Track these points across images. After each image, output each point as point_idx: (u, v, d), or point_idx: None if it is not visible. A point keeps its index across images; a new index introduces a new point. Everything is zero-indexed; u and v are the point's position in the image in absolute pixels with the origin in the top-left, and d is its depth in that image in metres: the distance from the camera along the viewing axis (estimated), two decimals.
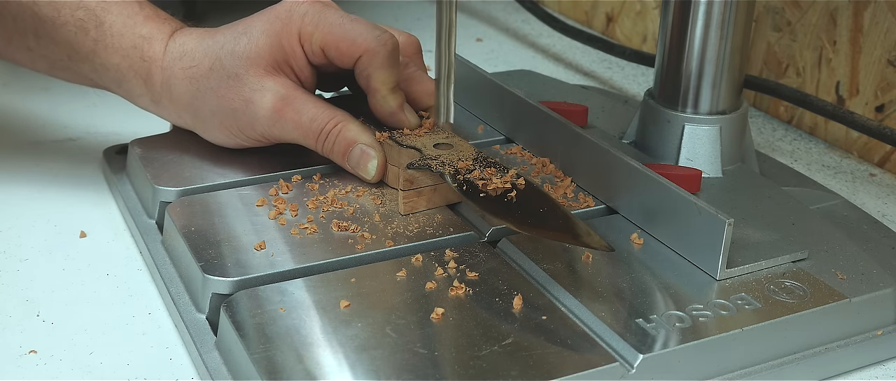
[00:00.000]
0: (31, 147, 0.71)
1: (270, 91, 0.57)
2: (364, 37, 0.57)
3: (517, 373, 0.42)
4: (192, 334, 0.48)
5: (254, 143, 0.60)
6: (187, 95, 0.59)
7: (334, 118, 0.58)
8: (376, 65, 0.58)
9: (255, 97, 0.57)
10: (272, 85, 0.57)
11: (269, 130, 0.58)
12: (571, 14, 1.05)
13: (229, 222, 0.54)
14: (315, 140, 0.58)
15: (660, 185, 0.53)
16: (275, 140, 0.59)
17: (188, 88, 0.59)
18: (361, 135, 0.58)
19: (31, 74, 0.84)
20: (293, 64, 0.58)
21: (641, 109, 0.66)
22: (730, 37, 0.60)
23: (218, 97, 0.58)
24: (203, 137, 0.61)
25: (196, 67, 0.58)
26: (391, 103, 0.59)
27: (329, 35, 0.57)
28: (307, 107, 0.58)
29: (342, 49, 0.57)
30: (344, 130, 0.58)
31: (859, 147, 0.74)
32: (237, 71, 0.57)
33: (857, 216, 0.61)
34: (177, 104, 0.60)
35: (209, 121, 0.59)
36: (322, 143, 0.58)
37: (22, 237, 0.59)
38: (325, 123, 0.58)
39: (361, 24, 0.58)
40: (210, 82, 0.58)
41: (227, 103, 0.58)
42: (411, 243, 0.53)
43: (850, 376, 0.49)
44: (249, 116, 0.58)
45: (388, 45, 0.58)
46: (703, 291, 0.49)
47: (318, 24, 0.57)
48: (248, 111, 0.58)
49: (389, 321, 0.46)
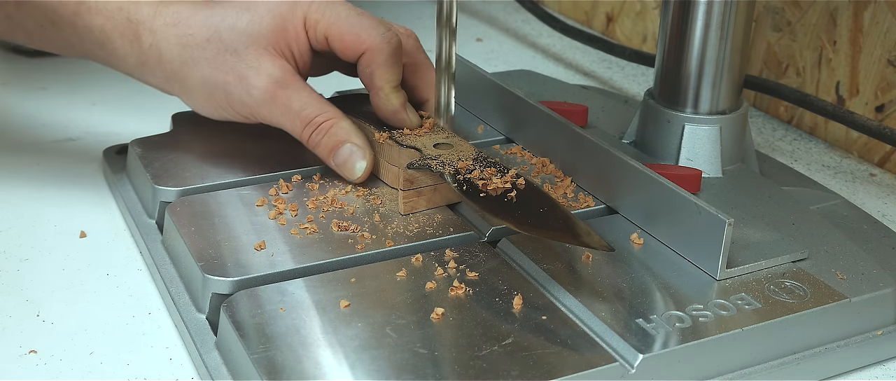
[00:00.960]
0: (31, 147, 0.71)
1: (266, 72, 0.57)
2: (369, 33, 0.57)
3: (517, 373, 0.42)
4: (192, 334, 0.48)
5: (239, 119, 0.59)
6: (177, 60, 0.58)
7: (325, 113, 0.58)
8: (380, 62, 0.58)
9: (249, 75, 0.57)
10: (270, 66, 0.57)
11: (258, 110, 0.58)
12: (571, 14, 1.05)
13: (229, 222, 0.54)
14: (302, 130, 0.58)
15: (660, 185, 0.53)
16: (262, 121, 0.59)
17: (180, 54, 0.58)
18: (352, 135, 0.58)
19: (31, 74, 0.84)
20: (295, 48, 0.58)
21: (641, 109, 0.66)
22: (730, 37, 0.60)
23: (212, 69, 0.57)
24: (186, 105, 0.60)
25: (191, 36, 0.58)
26: (394, 102, 0.59)
27: (335, 26, 0.57)
28: (301, 95, 0.57)
29: (346, 42, 0.57)
30: (335, 126, 0.58)
31: (859, 147, 0.74)
32: (236, 47, 0.57)
33: (857, 216, 0.61)
34: (165, 68, 0.59)
35: (197, 90, 0.59)
36: (309, 134, 0.58)
37: (22, 237, 0.59)
38: (316, 115, 0.57)
39: (368, 19, 0.58)
40: (205, 53, 0.57)
41: (219, 77, 0.57)
42: (411, 243, 0.53)
43: (850, 376, 0.49)
44: (241, 93, 0.57)
45: (393, 43, 0.58)
46: (703, 291, 0.49)
47: (325, 13, 0.57)
48: (241, 88, 0.57)
49: (389, 321, 0.46)
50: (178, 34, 0.58)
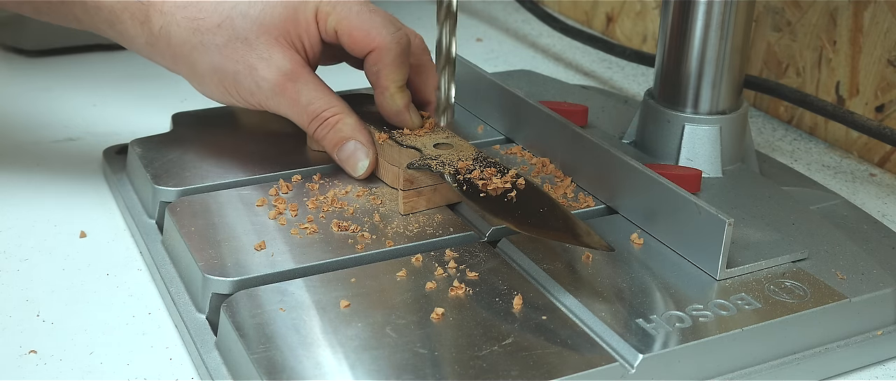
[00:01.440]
0: (31, 147, 0.71)
1: (276, 63, 0.57)
2: (379, 31, 0.57)
3: (517, 373, 0.42)
4: (192, 334, 0.48)
5: (247, 106, 0.59)
6: (187, 45, 0.58)
7: (332, 108, 0.58)
8: (387, 61, 0.58)
9: (259, 66, 0.57)
10: (279, 57, 0.57)
11: (266, 101, 0.58)
12: (571, 14, 1.05)
13: (229, 222, 0.54)
14: (308, 123, 0.58)
15: (660, 185, 0.53)
16: (270, 110, 0.59)
17: (190, 38, 0.57)
18: (357, 132, 0.58)
19: (31, 74, 0.84)
20: (305, 39, 0.58)
21: (641, 109, 0.66)
22: (730, 37, 0.60)
23: (222, 57, 0.57)
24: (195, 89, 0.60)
25: (203, 20, 0.57)
26: (398, 102, 0.59)
27: (345, 20, 0.57)
28: (309, 88, 0.57)
29: (356, 38, 0.57)
30: (340, 122, 0.58)
31: (859, 147, 0.74)
32: (247, 35, 0.57)
33: (857, 216, 0.61)
34: (173, 51, 0.58)
35: (206, 76, 0.58)
36: (315, 128, 0.58)
37: (22, 237, 0.59)
38: (323, 110, 0.57)
39: (379, 17, 0.58)
40: (216, 39, 0.57)
41: (230, 66, 0.57)
42: (411, 243, 0.53)
43: (850, 376, 0.49)
44: (250, 84, 0.57)
45: (402, 43, 0.58)
46: (703, 291, 0.49)
47: (337, 6, 0.57)
48: (250, 78, 0.57)
49: (389, 321, 0.46)
50: (189, 17, 0.57)
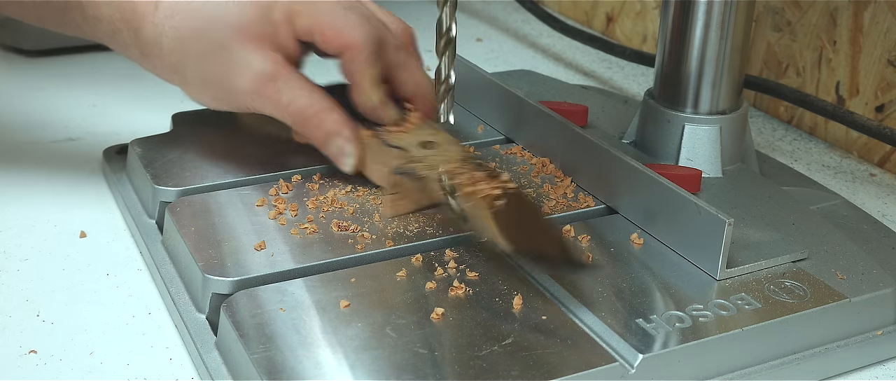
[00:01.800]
0: (30, 147, 0.71)
1: (254, 66, 0.56)
2: (352, 29, 0.57)
3: (517, 373, 0.42)
4: (192, 334, 0.48)
5: (240, 110, 0.59)
6: (175, 54, 0.58)
7: (314, 105, 0.57)
8: (361, 60, 0.57)
9: (237, 70, 0.56)
10: (258, 59, 0.56)
11: (251, 103, 0.57)
12: (571, 14, 1.05)
13: (229, 222, 0.54)
14: (292, 122, 0.58)
15: (660, 185, 0.53)
16: (258, 112, 0.58)
17: (176, 48, 0.57)
18: (342, 126, 0.57)
19: (30, 74, 0.84)
20: (282, 39, 0.57)
21: (641, 109, 0.66)
22: (730, 37, 0.60)
23: (205, 64, 0.57)
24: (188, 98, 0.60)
25: (186, 29, 0.57)
26: (373, 98, 0.58)
27: (316, 19, 0.57)
28: (289, 87, 0.57)
29: (328, 37, 0.57)
30: (325, 119, 0.57)
31: (859, 147, 0.74)
32: (225, 42, 0.56)
33: (857, 216, 0.61)
34: (164, 61, 0.58)
35: (195, 84, 0.58)
36: (300, 126, 0.58)
37: (22, 237, 0.59)
38: (305, 108, 0.57)
39: (353, 14, 0.57)
40: (198, 47, 0.57)
41: (212, 72, 0.57)
42: (411, 243, 0.53)
43: (850, 376, 0.49)
44: (231, 88, 0.57)
45: (376, 40, 0.57)
46: (703, 291, 0.49)
47: (309, 6, 0.57)
48: (231, 82, 0.57)
49: (389, 321, 0.46)
50: (175, 26, 0.57)
